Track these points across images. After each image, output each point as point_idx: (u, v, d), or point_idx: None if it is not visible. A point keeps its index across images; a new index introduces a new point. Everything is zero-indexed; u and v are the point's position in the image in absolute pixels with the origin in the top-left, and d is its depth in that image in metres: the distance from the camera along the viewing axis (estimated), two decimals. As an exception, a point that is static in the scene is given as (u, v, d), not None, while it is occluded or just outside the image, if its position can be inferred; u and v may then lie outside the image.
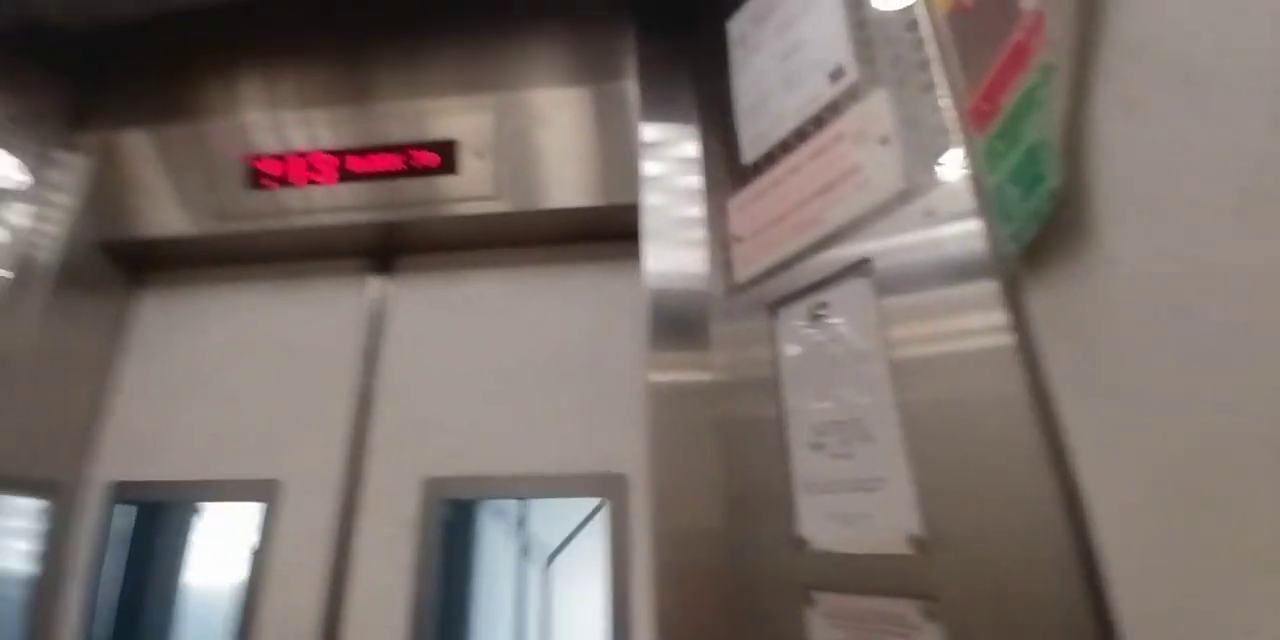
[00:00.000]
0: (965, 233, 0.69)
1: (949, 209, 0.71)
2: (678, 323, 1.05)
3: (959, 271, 0.69)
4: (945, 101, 0.76)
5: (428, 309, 1.41)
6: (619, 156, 1.27)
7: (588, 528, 1.18)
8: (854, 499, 0.75)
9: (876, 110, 0.83)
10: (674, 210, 1.15)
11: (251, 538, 1.24)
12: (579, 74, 1.35)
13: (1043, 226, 0.57)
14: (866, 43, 0.89)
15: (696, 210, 1.14)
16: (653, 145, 1.20)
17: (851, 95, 0.89)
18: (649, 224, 1.14)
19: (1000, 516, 0.61)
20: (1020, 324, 0.63)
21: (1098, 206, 0.55)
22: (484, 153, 1.32)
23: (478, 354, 1.34)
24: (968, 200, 0.69)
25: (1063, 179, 0.54)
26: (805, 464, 0.83)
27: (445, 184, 1.33)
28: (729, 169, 1.11)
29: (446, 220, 1.33)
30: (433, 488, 1.23)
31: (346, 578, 1.19)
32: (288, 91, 1.44)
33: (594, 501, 1.22)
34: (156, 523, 1.33)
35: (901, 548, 0.68)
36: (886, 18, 0.87)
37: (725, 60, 1.19)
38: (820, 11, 0.98)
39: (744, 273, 1.01)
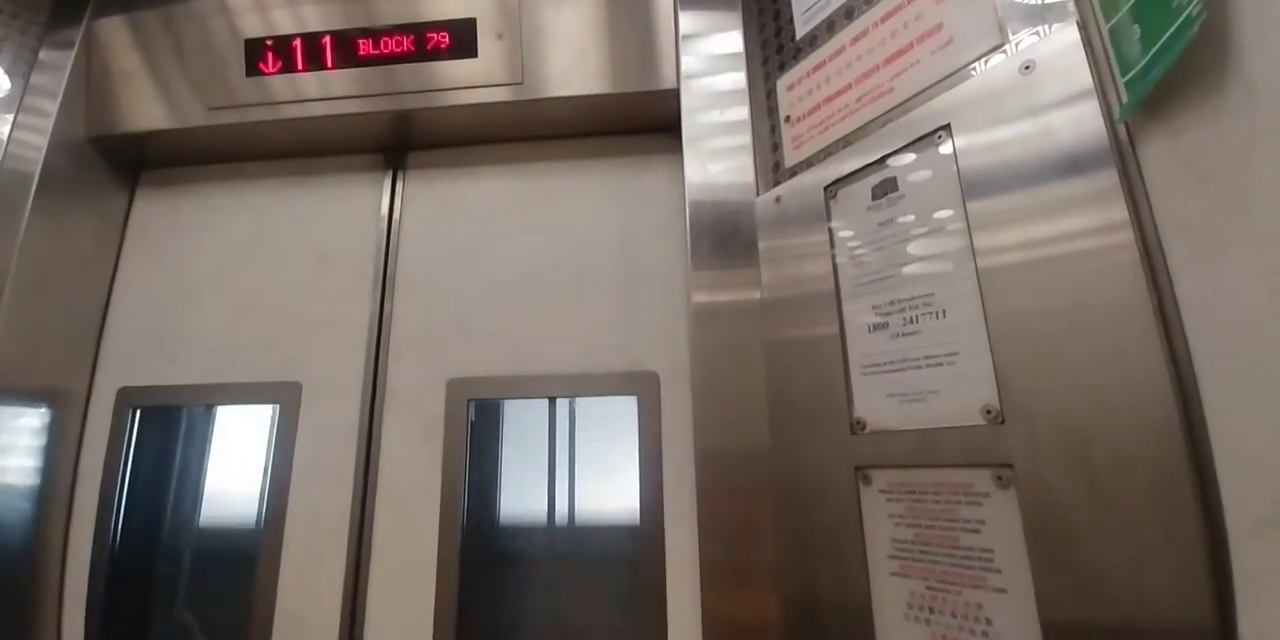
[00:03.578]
0: (1070, 85, 0.63)
1: (1053, 59, 0.65)
2: (722, 235, 1.00)
3: (1060, 128, 0.63)
4: (1049, -59, 0.68)
5: (444, 206, 1.33)
6: (654, 39, 1.18)
7: (616, 425, 1.17)
8: (921, 376, 0.72)
9: (964, -42, 0.75)
10: (716, 113, 1.07)
11: (272, 441, 1.22)
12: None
13: (1178, 59, 0.51)
14: (952, -116, 0.79)
15: (741, 112, 1.06)
16: (693, 36, 1.11)
17: (931, -53, 0.80)
18: (689, 131, 1.07)
19: (1092, 380, 0.58)
20: (1128, 176, 0.59)
21: (1240, 30, 0.50)
22: (505, 33, 1.21)
23: (501, 253, 1.28)
24: (1074, 47, 0.63)
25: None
26: (864, 346, 0.80)
27: (463, 68, 1.23)
28: (779, 51, 1.02)
29: (464, 109, 1.24)
30: (458, 388, 1.21)
31: (374, 478, 1.18)
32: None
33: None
34: (170, 428, 1.31)
35: (974, 419, 0.66)
36: None
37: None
38: None
39: (795, 156, 0.95)
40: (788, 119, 0.98)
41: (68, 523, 1.22)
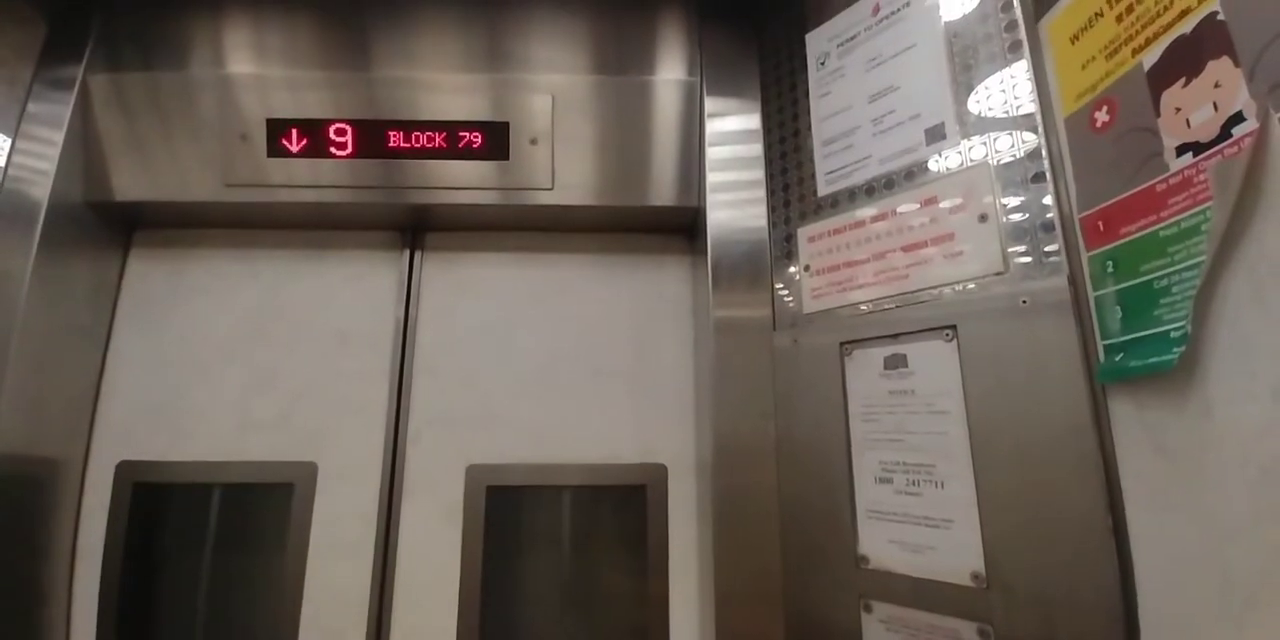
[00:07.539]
0: (1060, 332, 0.79)
1: (1047, 304, 0.81)
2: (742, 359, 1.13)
3: (1048, 363, 0.80)
4: (1050, 199, 0.84)
5: (462, 290, 1.38)
6: (683, 155, 1.27)
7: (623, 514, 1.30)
8: (920, 532, 0.89)
9: (980, 186, 0.90)
10: (738, 245, 1.18)
11: (285, 522, 1.25)
12: (642, 64, 1.30)
13: (1165, 372, 0.66)
14: (971, 111, 0.93)
15: (760, 245, 1.18)
16: (718, 165, 1.21)
17: (949, 160, 0.94)
18: (715, 255, 1.17)
19: (1060, 572, 0.76)
20: (1101, 423, 0.76)
21: (1209, 362, 0.64)
22: (539, 139, 1.27)
23: (519, 343, 1.35)
24: (1066, 303, 0.79)
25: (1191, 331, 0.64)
26: (870, 493, 0.96)
27: (493, 169, 1.27)
28: (801, 200, 1.15)
29: (491, 207, 1.29)
30: (477, 475, 1.29)
31: (393, 563, 1.24)
32: (317, 47, 1.29)
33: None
34: (173, 504, 1.31)
35: (964, 580, 0.83)
36: (994, 94, 0.91)
37: (796, 70, 1.20)
38: (920, 62, 1.01)
39: (813, 305, 1.09)
40: (807, 268, 1.11)
41: (69, 594, 1.22)
